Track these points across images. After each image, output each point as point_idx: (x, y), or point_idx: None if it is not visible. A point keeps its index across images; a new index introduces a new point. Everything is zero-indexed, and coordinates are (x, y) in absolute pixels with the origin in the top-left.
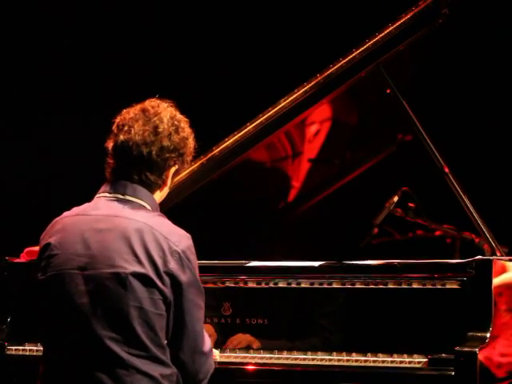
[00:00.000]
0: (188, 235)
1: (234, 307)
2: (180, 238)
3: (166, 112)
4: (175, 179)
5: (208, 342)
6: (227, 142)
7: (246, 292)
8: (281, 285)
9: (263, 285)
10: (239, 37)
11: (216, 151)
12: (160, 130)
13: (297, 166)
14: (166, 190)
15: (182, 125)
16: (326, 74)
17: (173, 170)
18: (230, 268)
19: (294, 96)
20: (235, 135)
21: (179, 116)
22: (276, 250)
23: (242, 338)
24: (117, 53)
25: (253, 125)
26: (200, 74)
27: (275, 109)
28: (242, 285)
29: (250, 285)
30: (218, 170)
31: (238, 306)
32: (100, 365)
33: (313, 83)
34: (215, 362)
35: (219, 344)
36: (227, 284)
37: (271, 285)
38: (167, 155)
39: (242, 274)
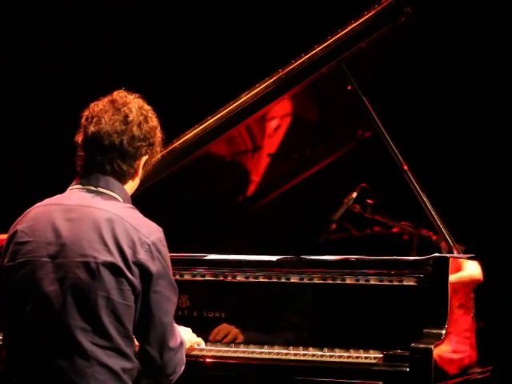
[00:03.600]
0: (159, 228)
1: (192, 300)
2: (150, 230)
3: (134, 102)
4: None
5: (177, 337)
6: (188, 135)
7: (204, 285)
8: (239, 279)
9: (221, 278)
10: (202, 31)
11: (176, 144)
12: (130, 119)
13: (257, 160)
14: (137, 181)
15: (150, 114)
16: (287, 69)
17: (143, 159)
18: (188, 261)
19: (256, 91)
20: (196, 128)
21: (147, 106)
22: (235, 244)
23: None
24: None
25: (214, 118)
26: (162, 67)
27: (236, 103)
28: (199, 278)
29: (208, 278)
30: (178, 163)
31: (196, 299)
32: (62, 354)
33: (274, 78)
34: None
35: None
36: (185, 277)
37: (229, 278)
38: (138, 144)
39: (200, 266)
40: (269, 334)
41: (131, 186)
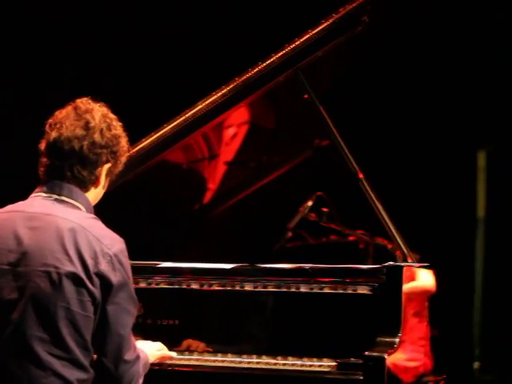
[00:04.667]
0: (121, 239)
1: (146, 308)
2: (113, 242)
3: (97, 110)
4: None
5: (134, 350)
6: (144, 143)
7: (158, 293)
8: (193, 286)
9: (176, 286)
10: (158, 38)
11: (132, 151)
12: (91, 125)
13: (213, 168)
14: (100, 190)
15: (114, 123)
16: (244, 77)
17: (106, 167)
18: (143, 268)
19: (212, 99)
20: (152, 136)
21: (112, 115)
22: (191, 252)
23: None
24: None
25: (170, 126)
26: (118, 75)
27: (193, 111)
28: (154, 285)
29: (163, 286)
30: (134, 171)
31: (150, 307)
32: (18, 363)
33: (231, 86)
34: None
35: None
36: (140, 284)
37: (183, 286)
38: (99, 151)
39: (154, 274)
40: (223, 342)
41: (94, 194)
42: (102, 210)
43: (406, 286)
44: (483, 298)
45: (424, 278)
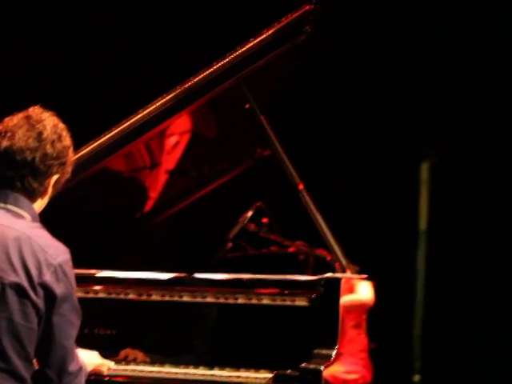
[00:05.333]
0: (66, 249)
1: (84, 317)
2: (58, 252)
3: (49, 120)
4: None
5: (77, 362)
6: (84, 151)
7: (96, 302)
8: (131, 296)
9: (113, 295)
10: (99, 45)
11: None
12: (44, 136)
13: (155, 176)
14: (46, 200)
15: (64, 134)
16: (186, 86)
17: (54, 178)
18: (80, 278)
19: (153, 107)
20: (92, 144)
21: (62, 125)
22: (130, 261)
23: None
24: None
25: (110, 134)
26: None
27: (134, 119)
28: (92, 295)
29: (101, 295)
30: (74, 179)
31: (88, 316)
32: None
33: (172, 95)
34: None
35: None
36: (78, 294)
37: (122, 296)
38: (50, 162)
39: (92, 283)
40: (161, 352)
41: (40, 204)
42: (42, 219)
43: (345, 299)
44: (424, 311)
45: (363, 291)
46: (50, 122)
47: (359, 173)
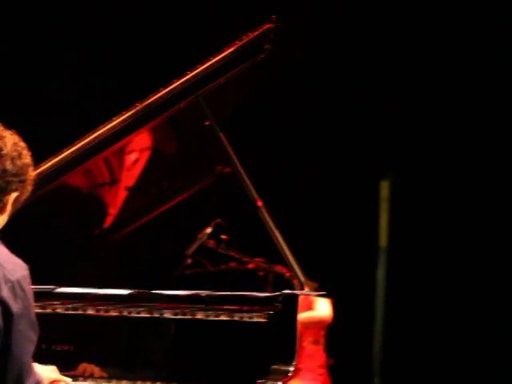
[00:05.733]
0: (25, 265)
1: (41, 332)
2: (15, 267)
3: (9, 137)
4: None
5: (34, 377)
6: (43, 167)
7: (54, 318)
8: (89, 312)
9: (71, 311)
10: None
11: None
12: (3, 152)
13: (114, 193)
14: (5, 218)
15: (25, 152)
16: (145, 103)
17: (13, 195)
18: (38, 293)
19: (113, 124)
20: (51, 160)
21: (22, 143)
22: (89, 277)
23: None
24: None
25: (70, 151)
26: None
27: (93, 135)
28: (49, 310)
29: (59, 310)
30: (33, 195)
31: (45, 332)
32: None
33: (132, 112)
34: None
35: None
36: (36, 309)
37: (80, 311)
38: (9, 179)
39: (49, 299)
40: (118, 368)
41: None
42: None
43: (303, 315)
44: (384, 327)
45: (321, 308)
46: (10, 140)
47: (319, 190)
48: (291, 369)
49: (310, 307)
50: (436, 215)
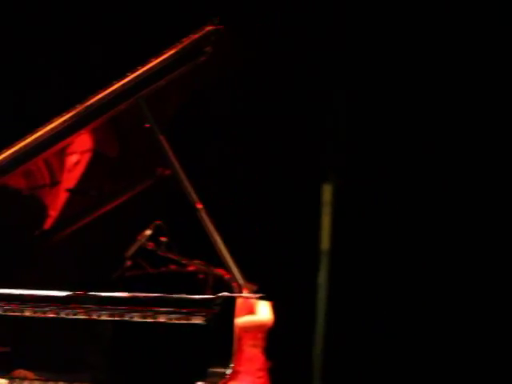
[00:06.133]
0: None
1: None
2: None
3: None
4: None
5: None
6: None
7: None
8: (27, 313)
9: (8, 312)
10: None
11: None
12: None
13: (55, 195)
14: None
15: None
16: (86, 104)
17: None
18: None
19: (53, 125)
20: None
21: None
22: (27, 278)
23: None
24: None
25: (9, 151)
26: None
27: (33, 137)
28: None
29: None
30: None
31: None
32: None
33: (72, 113)
34: None
35: None
36: None
37: (17, 313)
38: None
39: None
40: (55, 370)
41: None
42: None
43: (244, 319)
44: (325, 330)
45: (262, 312)
46: None
47: (262, 193)
48: (228, 371)
49: (251, 311)
50: (378, 218)
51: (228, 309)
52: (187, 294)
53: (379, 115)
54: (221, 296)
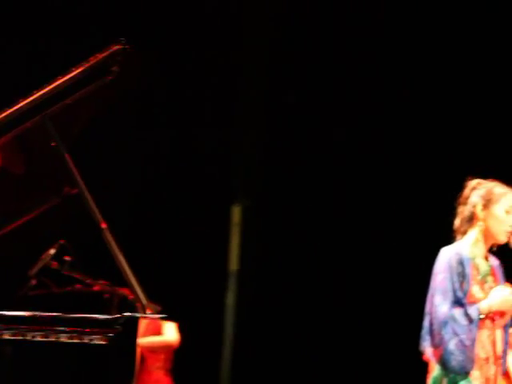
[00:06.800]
0: None
1: None
2: None
3: None
4: None
5: None
6: None
7: None
8: None
9: None
10: None
11: None
12: None
13: None
14: None
15: None
16: None
17: None
18: None
19: None
20: None
21: None
22: None
23: None
24: None
25: None
26: None
27: None
28: None
29: None
30: None
31: None
32: None
33: None
34: None
35: None
36: None
37: None
38: None
39: None
40: None
41: None
42: None
43: (148, 339)
44: (232, 352)
45: (168, 332)
46: None
47: (170, 214)
48: None
49: (158, 331)
50: (286, 239)
51: (130, 329)
52: (92, 314)
53: (286, 137)
54: (123, 316)
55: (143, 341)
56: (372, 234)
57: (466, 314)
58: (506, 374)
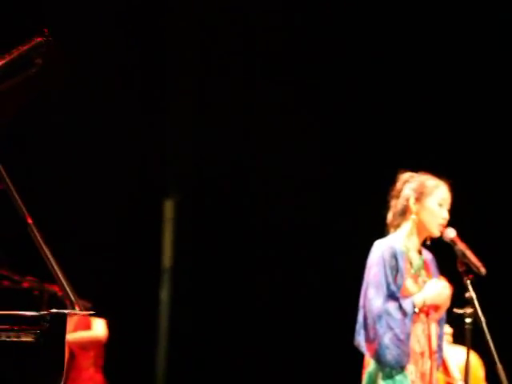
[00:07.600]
0: None
1: None
2: None
3: None
4: None
5: None
6: None
7: None
8: None
9: None
10: None
11: None
12: None
13: None
14: None
15: None
16: None
17: None
18: None
19: None
20: None
21: None
22: None
23: None
24: None
25: None
26: None
27: None
28: None
29: None
30: None
31: None
32: None
33: None
34: None
35: None
36: None
37: None
38: None
39: None
40: None
41: None
42: None
43: (76, 334)
44: (167, 349)
45: (96, 328)
46: None
47: (102, 210)
48: None
49: (88, 328)
50: (220, 236)
51: (58, 326)
52: (15, 311)
53: (219, 131)
54: (50, 313)
55: (71, 337)
56: (308, 227)
57: (401, 308)
58: (444, 368)
